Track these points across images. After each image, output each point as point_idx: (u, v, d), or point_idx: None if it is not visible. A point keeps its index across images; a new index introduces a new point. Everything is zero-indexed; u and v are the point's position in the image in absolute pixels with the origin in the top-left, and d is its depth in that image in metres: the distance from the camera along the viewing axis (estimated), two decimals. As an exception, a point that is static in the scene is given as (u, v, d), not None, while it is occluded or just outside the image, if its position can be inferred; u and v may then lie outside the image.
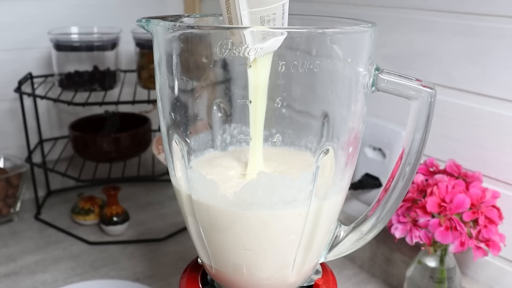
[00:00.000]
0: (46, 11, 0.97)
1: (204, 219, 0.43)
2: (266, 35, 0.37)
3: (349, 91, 0.42)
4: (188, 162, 0.43)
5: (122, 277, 0.74)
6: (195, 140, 0.47)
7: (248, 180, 0.41)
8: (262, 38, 0.37)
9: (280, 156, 0.46)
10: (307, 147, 0.48)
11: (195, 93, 0.43)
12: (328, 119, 0.43)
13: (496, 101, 0.61)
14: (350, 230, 0.47)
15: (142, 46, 0.92)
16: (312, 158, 0.46)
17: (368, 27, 0.40)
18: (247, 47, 0.37)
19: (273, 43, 0.37)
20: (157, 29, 0.41)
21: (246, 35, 0.36)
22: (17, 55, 0.95)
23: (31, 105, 0.95)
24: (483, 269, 0.66)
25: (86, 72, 0.90)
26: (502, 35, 0.59)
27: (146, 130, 0.95)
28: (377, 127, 0.74)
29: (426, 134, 0.42)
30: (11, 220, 0.90)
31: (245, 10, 0.38)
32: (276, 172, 0.42)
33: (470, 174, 0.61)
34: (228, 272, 0.45)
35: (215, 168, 0.45)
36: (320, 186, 0.41)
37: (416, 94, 0.41)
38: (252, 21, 0.38)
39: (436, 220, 0.57)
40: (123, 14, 1.04)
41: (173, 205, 0.97)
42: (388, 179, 0.45)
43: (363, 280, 0.74)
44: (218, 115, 0.47)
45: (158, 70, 0.43)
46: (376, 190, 0.75)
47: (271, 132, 0.47)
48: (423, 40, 0.67)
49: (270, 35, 0.37)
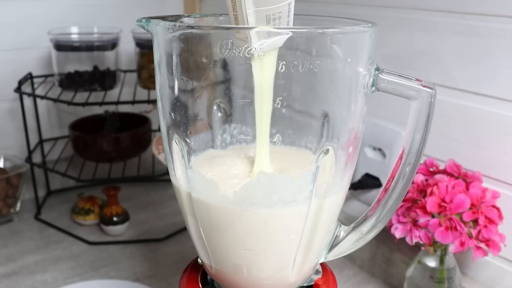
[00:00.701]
0: (46, 11, 0.97)
1: (204, 219, 0.43)
2: (270, 34, 0.37)
3: (349, 91, 0.42)
4: (188, 162, 0.43)
5: (122, 277, 0.74)
6: (195, 140, 0.47)
7: (248, 180, 0.41)
8: (267, 35, 0.37)
9: (280, 154, 0.46)
10: (307, 147, 0.48)
11: (195, 93, 0.43)
12: (328, 119, 0.43)
13: (496, 101, 0.61)
14: (350, 230, 0.47)
15: (142, 46, 0.92)
16: (312, 156, 0.46)
17: (368, 27, 0.40)
18: (249, 46, 0.37)
19: (278, 40, 0.37)
20: (157, 29, 0.41)
21: (252, 34, 0.36)
22: (17, 55, 0.95)
23: (31, 105, 0.95)
24: (483, 269, 0.66)
25: (86, 72, 0.90)
26: (502, 35, 0.59)
27: (146, 130, 0.95)
28: (377, 127, 0.74)
29: (426, 134, 0.42)
30: (11, 220, 0.90)
31: (251, 9, 0.38)
32: (276, 172, 0.42)
33: (470, 174, 0.61)
34: (228, 272, 0.45)
35: (215, 167, 0.45)
36: (320, 186, 0.41)
37: (416, 94, 0.41)
38: (257, 19, 0.38)
39: (436, 220, 0.57)
40: (123, 14, 1.04)
41: (173, 205, 0.97)
42: (388, 179, 0.45)
43: (363, 280, 0.74)
44: (218, 115, 0.47)
45: (158, 70, 0.43)
46: (376, 190, 0.75)
47: (271, 132, 0.47)
48: (423, 40, 0.67)
49: (274, 34, 0.37)
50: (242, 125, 0.48)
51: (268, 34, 0.37)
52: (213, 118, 0.47)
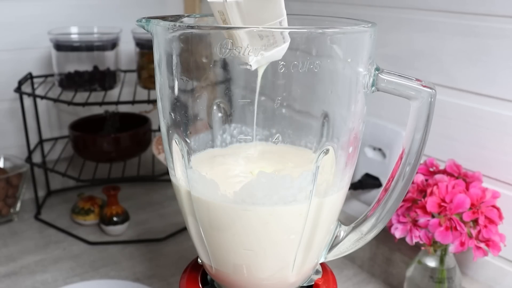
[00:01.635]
0: (46, 11, 0.97)
1: (204, 219, 0.43)
2: (267, 45, 0.37)
3: (349, 91, 0.42)
4: (188, 162, 0.43)
5: (122, 277, 0.74)
6: (195, 140, 0.47)
7: (248, 180, 0.41)
8: (264, 47, 0.37)
9: (280, 154, 0.46)
10: (307, 146, 0.48)
11: (195, 93, 0.43)
12: (328, 119, 0.43)
13: (496, 101, 0.61)
14: (350, 230, 0.47)
15: (142, 46, 0.92)
16: (312, 155, 0.46)
17: (368, 27, 0.40)
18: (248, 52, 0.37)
19: (276, 53, 0.37)
20: (157, 29, 0.41)
21: (242, 36, 0.37)
22: (17, 55, 0.95)
23: (31, 105, 0.95)
24: (483, 269, 0.66)
25: (86, 72, 0.90)
26: (502, 35, 0.59)
27: (146, 130, 0.95)
28: (377, 127, 0.74)
29: (426, 134, 0.42)
30: (11, 220, 0.90)
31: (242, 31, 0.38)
32: (277, 171, 0.42)
33: (470, 174, 0.61)
34: (228, 272, 0.45)
35: (215, 167, 0.45)
36: (320, 186, 0.41)
37: (416, 94, 0.41)
38: (250, 36, 0.38)
39: (436, 220, 0.57)
40: (123, 14, 1.04)
41: (173, 205, 0.97)
42: (388, 179, 0.45)
43: (363, 280, 0.74)
44: (218, 115, 0.47)
45: (158, 70, 0.43)
46: (376, 190, 0.75)
47: (271, 132, 0.47)
48: (423, 40, 0.67)
49: (272, 45, 0.37)
50: (242, 125, 0.48)
51: (264, 44, 0.37)
52: (213, 118, 0.47)
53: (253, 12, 0.37)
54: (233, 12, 0.37)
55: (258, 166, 0.43)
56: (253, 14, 0.37)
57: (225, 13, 0.38)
